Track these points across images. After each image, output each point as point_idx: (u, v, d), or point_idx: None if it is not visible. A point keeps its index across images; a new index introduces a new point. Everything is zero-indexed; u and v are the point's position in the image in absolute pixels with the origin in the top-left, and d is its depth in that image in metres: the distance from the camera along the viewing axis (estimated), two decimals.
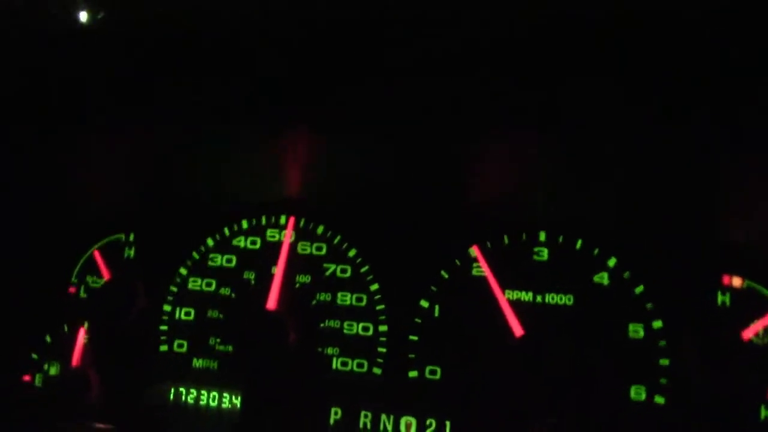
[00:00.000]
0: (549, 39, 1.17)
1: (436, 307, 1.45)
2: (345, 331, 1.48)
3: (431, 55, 1.24)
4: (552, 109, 1.17)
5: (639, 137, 1.16)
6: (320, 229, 1.52)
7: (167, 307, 1.56)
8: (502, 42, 1.20)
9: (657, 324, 1.36)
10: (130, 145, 1.47)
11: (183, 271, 1.56)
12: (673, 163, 1.23)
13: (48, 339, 1.61)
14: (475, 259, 1.45)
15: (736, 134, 1.11)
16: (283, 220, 1.54)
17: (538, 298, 1.41)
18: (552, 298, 1.40)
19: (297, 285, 1.50)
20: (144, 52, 1.35)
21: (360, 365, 1.46)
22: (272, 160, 1.46)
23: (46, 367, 1.60)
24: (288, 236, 1.52)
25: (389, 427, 1.41)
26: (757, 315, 1.33)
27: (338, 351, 1.47)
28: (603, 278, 1.39)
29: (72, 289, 1.62)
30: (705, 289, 1.36)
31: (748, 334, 1.32)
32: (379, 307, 1.47)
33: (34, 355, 1.61)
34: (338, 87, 1.24)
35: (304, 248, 1.52)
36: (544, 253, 1.42)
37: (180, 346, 1.55)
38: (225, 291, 1.54)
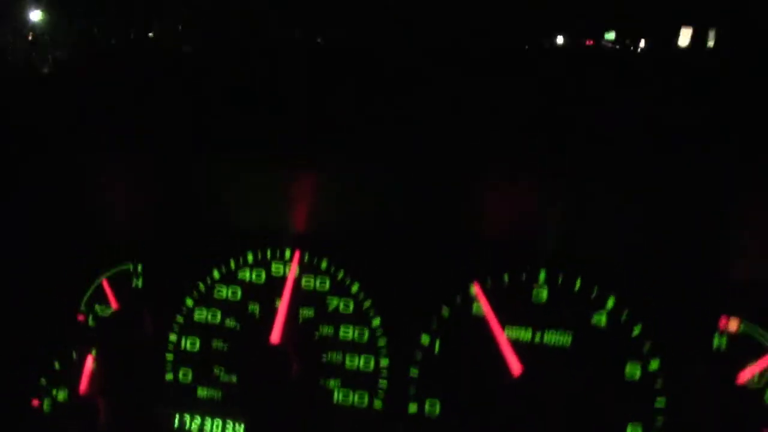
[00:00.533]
0: (556, 80, 1.19)
1: (437, 343, 1.47)
2: (347, 364, 1.50)
3: (436, 95, 1.27)
4: (557, 153, 1.19)
5: (640, 178, 1.18)
6: (324, 264, 1.55)
7: (173, 337, 1.59)
8: (507, 84, 1.23)
9: (654, 364, 1.38)
10: (138, 177, 1.50)
11: (189, 301, 1.59)
12: (673, 204, 1.25)
13: (57, 365, 1.64)
14: (476, 297, 1.47)
15: (739, 172, 1.13)
16: (287, 254, 1.57)
17: (537, 337, 1.43)
18: (551, 337, 1.43)
19: (300, 319, 1.53)
20: (148, 88, 1.38)
21: (361, 398, 1.49)
22: (279, 194, 1.49)
23: (54, 392, 1.64)
24: (293, 270, 1.54)
25: None
26: (752, 359, 1.35)
27: (340, 384, 1.50)
28: (601, 318, 1.41)
29: (81, 317, 1.65)
30: (702, 331, 1.38)
31: (743, 377, 1.34)
32: (380, 342, 1.50)
33: (43, 381, 1.64)
34: (344, 123, 1.27)
35: (308, 282, 1.55)
36: (544, 293, 1.44)
37: (185, 375, 1.58)
38: (230, 322, 1.57)
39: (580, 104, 1.20)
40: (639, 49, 1.21)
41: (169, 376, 1.59)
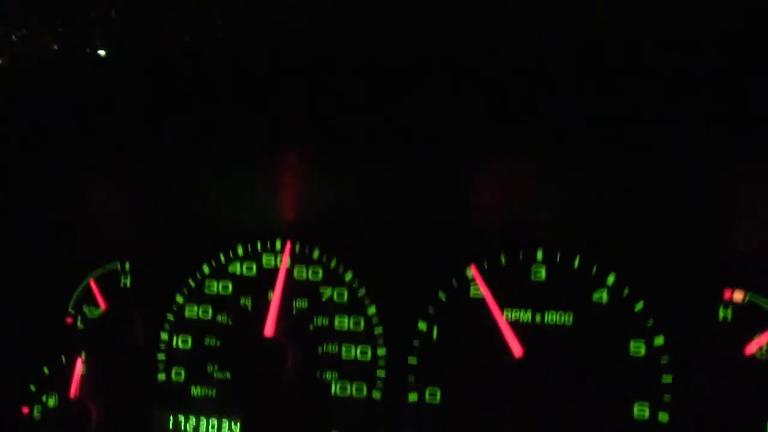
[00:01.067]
0: (546, 60, 1.16)
1: (435, 329, 1.43)
2: (343, 355, 1.46)
3: (427, 78, 1.23)
4: (552, 130, 1.16)
5: (639, 153, 1.15)
6: (316, 253, 1.51)
7: (164, 336, 1.55)
8: (500, 62, 1.20)
9: (658, 341, 1.34)
10: (122, 173, 1.47)
11: (179, 298, 1.55)
12: (671, 176, 1.22)
13: (46, 370, 1.60)
14: (473, 280, 1.43)
15: (738, 144, 1.10)
16: (278, 245, 1.53)
17: (537, 318, 1.39)
18: (551, 317, 1.39)
19: (294, 310, 1.49)
20: (139, 81, 1.35)
21: (359, 389, 1.45)
22: (267, 184, 1.46)
23: (44, 398, 1.59)
24: (285, 261, 1.50)
25: None
26: (759, 329, 1.31)
27: (337, 376, 1.46)
28: (602, 295, 1.38)
29: (69, 320, 1.61)
30: (706, 303, 1.34)
31: (751, 348, 1.30)
32: (377, 331, 1.46)
33: (33, 387, 1.60)
34: (335, 110, 1.24)
35: (300, 273, 1.51)
36: (542, 272, 1.41)
37: (178, 374, 1.54)
38: (222, 318, 1.53)
39: (574, 86, 1.17)
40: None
41: (161, 377, 1.54)
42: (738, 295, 1.33)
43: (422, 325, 1.44)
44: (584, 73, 1.14)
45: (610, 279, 1.38)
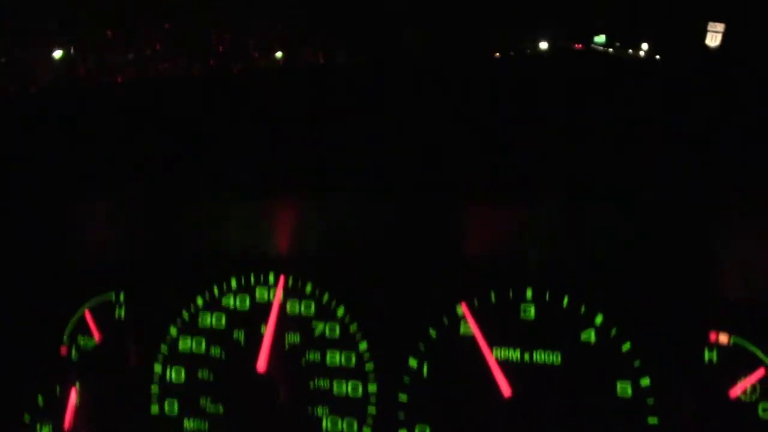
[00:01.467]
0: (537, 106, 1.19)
1: (425, 366, 1.45)
2: (335, 391, 1.48)
3: (419, 121, 1.26)
4: (542, 178, 1.18)
5: (627, 199, 1.17)
6: (309, 288, 1.53)
7: (158, 368, 1.56)
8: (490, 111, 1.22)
9: (645, 382, 1.36)
10: (119, 205, 1.48)
11: (173, 331, 1.57)
12: (659, 220, 1.24)
13: (40, 400, 1.61)
14: (463, 317, 1.45)
15: (723, 191, 1.12)
16: (271, 278, 1.55)
17: (526, 357, 1.41)
18: (540, 356, 1.41)
19: (286, 345, 1.51)
20: (129, 120, 1.37)
21: (350, 426, 1.46)
22: (261, 218, 1.48)
23: (38, 428, 1.60)
24: (278, 295, 1.52)
25: None
26: (744, 372, 1.33)
27: (328, 411, 1.47)
28: (590, 335, 1.40)
29: (63, 350, 1.62)
30: (692, 345, 1.36)
31: (736, 391, 1.32)
32: (368, 367, 1.47)
33: (27, 417, 1.61)
34: (328, 149, 1.26)
35: (293, 307, 1.52)
36: (531, 311, 1.43)
37: (171, 407, 1.55)
38: (215, 351, 1.54)
39: (563, 125, 1.19)
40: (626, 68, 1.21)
41: (154, 409, 1.56)
42: (723, 338, 1.35)
43: (413, 362, 1.46)
44: (572, 129, 1.17)
45: (598, 319, 1.40)
